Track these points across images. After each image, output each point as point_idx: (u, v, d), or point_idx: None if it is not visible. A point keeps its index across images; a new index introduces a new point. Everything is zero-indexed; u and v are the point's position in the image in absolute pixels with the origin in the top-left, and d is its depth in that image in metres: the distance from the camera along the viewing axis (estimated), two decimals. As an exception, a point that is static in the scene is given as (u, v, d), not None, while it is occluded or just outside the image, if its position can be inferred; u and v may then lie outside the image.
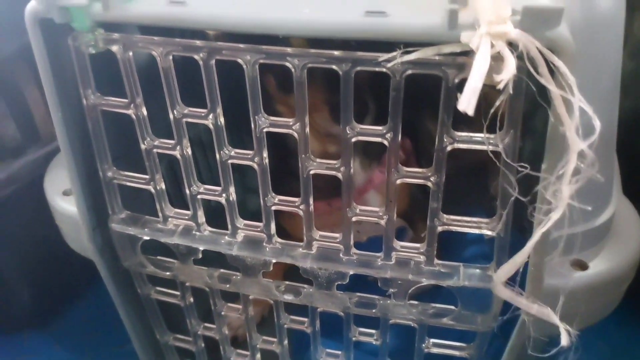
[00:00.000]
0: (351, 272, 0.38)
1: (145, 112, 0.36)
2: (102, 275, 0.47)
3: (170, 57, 0.33)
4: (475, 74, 0.24)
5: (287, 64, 0.31)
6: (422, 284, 0.37)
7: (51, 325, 0.69)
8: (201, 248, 0.41)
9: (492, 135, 0.30)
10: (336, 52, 0.30)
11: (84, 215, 0.42)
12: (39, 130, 0.59)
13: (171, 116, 0.35)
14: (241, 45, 0.31)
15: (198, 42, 0.32)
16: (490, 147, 0.30)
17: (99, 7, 0.31)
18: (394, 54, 0.28)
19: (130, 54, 0.34)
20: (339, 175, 0.35)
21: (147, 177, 0.40)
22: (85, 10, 0.32)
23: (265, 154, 0.35)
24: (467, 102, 0.24)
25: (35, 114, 0.58)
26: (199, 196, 0.39)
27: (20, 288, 0.63)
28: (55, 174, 0.48)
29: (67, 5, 0.32)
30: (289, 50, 0.31)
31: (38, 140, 0.59)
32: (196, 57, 0.32)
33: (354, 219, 0.36)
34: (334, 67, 0.30)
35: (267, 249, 0.40)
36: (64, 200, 0.46)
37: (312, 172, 0.35)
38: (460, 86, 0.28)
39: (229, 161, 0.37)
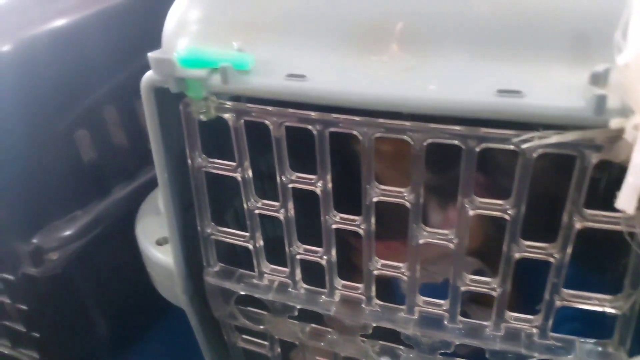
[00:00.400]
0: (457, 342, 0.37)
1: (251, 174, 0.36)
2: (191, 323, 0.47)
3: (283, 127, 0.33)
4: (636, 170, 0.22)
5: (406, 138, 0.30)
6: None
7: (127, 355, 0.70)
8: (298, 307, 0.41)
9: (630, 215, 0.28)
10: (458, 128, 0.29)
11: (180, 268, 0.43)
12: (127, 167, 0.60)
13: (279, 180, 0.35)
14: (357, 118, 0.31)
15: (313, 114, 0.32)
16: (626, 229, 0.28)
17: (218, 80, 0.31)
18: (532, 134, 0.27)
19: (242, 121, 0.34)
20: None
21: (247, 234, 0.40)
22: (203, 82, 0.32)
23: (372, 221, 0.35)
24: (627, 201, 0.22)
25: (122, 152, 0.60)
26: (298, 256, 0.39)
27: (99, 319, 0.65)
28: (146, 221, 0.49)
29: (185, 77, 0.32)
30: (408, 124, 0.30)
31: (125, 178, 0.60)
32: (310, 127, 0.32)
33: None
34: (455, 142, 0.29)
35: (367, 311, 0.39)
36: (157, 249, 0.46)
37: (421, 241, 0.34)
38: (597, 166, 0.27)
39: (334, 226, 0.36)
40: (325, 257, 0.38)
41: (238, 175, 0.37)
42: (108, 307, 0.64)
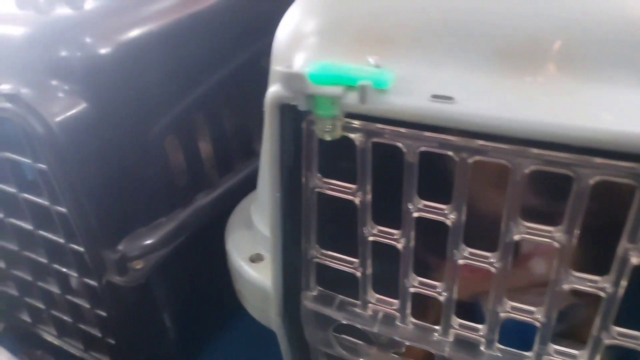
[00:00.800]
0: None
1: (370, 198, 0.34)
2: (280, 346, 0.45)
3: (418, 152, 0.30)
4: None
5: (570, 174, 0.27)
6: None
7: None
8: (406, 343, 0.38)
9: None
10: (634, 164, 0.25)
11: (278, 289, 0.41)
12: (209, 175, 0.58)
13: (403, 208, 0.32)
14: (511, 147, 0.27)
15: (456, 140, 0.28)
16: None
17: (354, 98, 0.28)
18: None
19: (370, 143, 0.31)
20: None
21: (355, 261, 0.37)
22: (336, 101, 0.29)
23: (509, 259, 0.31)
24: None
25: (206, 159, 0.58)
26: (412, 289, 0.36)
27: (171, 326, 0.64)
28: (238, 236, 0.47)
29: (316, 94, 0.29)
30: (572, 157, 0.26)
31: (207, 186, 0.58)
32: (451, 154, 0.29)
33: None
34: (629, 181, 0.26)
35: (485, 355, 0.35)
36: (251, 267, 0.44)
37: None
38: None
39: (460, 261, 0.33)
40: (445, 293, 0.34)
41: (356, 199, 0.34)
42: (180, 316, 0.63)
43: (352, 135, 0.31)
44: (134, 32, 0.47)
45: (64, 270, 0.53)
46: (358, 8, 0.34)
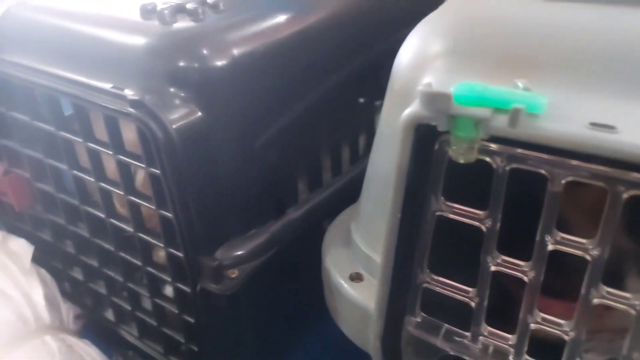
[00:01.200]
0: None
1: (498, 226, 0.32)
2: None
3: (563, 181, 0.28)
4: None
5: None
6: None
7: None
8: (522, 383, 0.36)
9: None
10: None
11: (381, 313, 0.39)
12: (300, 189, 0.59)
13: (538, 239, 0.31)
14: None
15: (611, 171, 0.27)
16: None
17: (502, 122, 0.27)
18: None
19: (508, 168, 0.30)
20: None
21: (470, 289, 0.36)
22: (481, 123, 0.28)
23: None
24: None
25: (300, 173, 0.59)
26: (533, 325, 0.34)
27: (254, 336, 0.63)
28: (337, 253, 0.46)
29: (460, 115, 0.28)
30: None
31: (296, 200, 0.58)
32: (605, 186, 0.27)
33: None
34: None
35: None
36: (352, 286, 0.43)
37: None
38: None
39: (595, 300, 0.31)
40: (572, 333, 0.32)
41: (483, 226, 0.33)
42: (262, 326, 0.63)
43: (488, 159, 0.30)
44: (249, 46, 0.48)
45: (156, 273, 0.54)
46: (497, 29, 0.33)
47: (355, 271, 0.44)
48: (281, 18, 0.52)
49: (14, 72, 0.52)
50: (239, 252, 0.51)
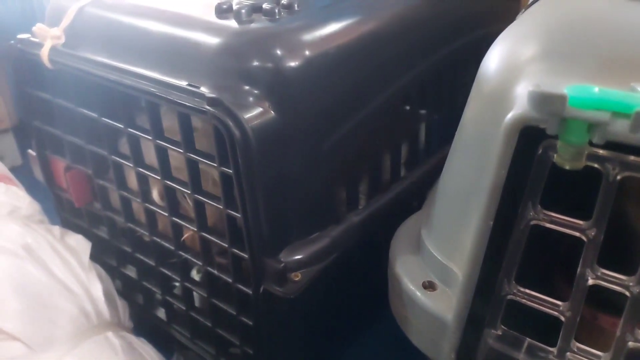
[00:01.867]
0: None
1: (601, 239, 0.31)
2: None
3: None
4: None
5: None
6: None
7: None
8: (614, 402, 0.34)
9: None
10: None
11: (460, 324, 0.38)
12: (359, 194, 0.58)
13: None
14: None
15: None
16: None
17: (622, 127, 0.26)
18: None
19: (620, 177, 0.28)
20: None
21: (560, 303, 0.34)
22: (596, 128, 0.27)
23: None
24: None
25: (360, 179, 0.58)
26: (632, 344, 0.32)
27: (307, 340, 0.63)
28: (407, 260, 0.45)
29: (574, 118, 0.27)
30: None
31: (356, 206, 0.58)
32: None
33: None
34: None
35: None
36: (425, 295, 0.42)
37: None
38: None
39: None
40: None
41: (585, 237, 0.31)
42: (319, 331, 0.63)
43: (598, 166, 0.29)
44: (322, 47, 0.48)
45: (217, 274, 0.54)
46: (602, 30, 0.32)
47: (428, 279, 0.43)
48: (352, 20, 0.52)
49: (86, 68, 0.52)
50: (302, 256, 0.50)
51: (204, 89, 0.44)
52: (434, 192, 0.49)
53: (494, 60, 0.37)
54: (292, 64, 0.46)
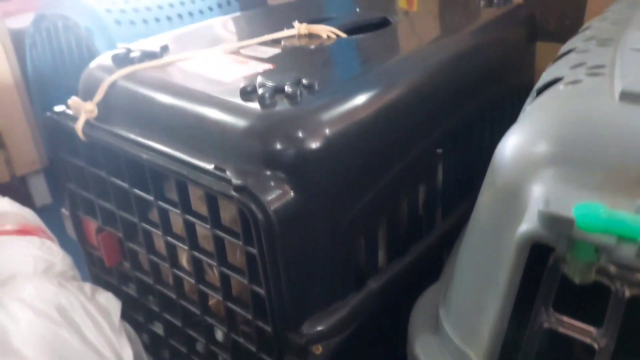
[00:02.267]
0: None
1: (612, 348, 0.31)
2: None
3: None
4: None
5: None
6: None
7: None
8: None
9: None
10: None
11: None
12: (379, 261, 0.59)
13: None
14: None
15: None
16: None
17: (629, 252, 0.27)
18: None
19: (628, 295, 0.29)
20: None
21: None
22: (604, 251, 0.28)
23: None
24: None
25: (379, 246, 0.59)
26: None
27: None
28: (426, 341, 0.46)
29: (581, 240, 0.28)
30: None
31: (375, 272, 0.59)
32: None
33: None
34: None
35: None
36: None
37: None
38: None
39: None
40: None
41: (595, 344, 0.32)
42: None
43: (606, 282, 0.30)
44: (341, 125, 0.50)
45: (242, 342, 0.55)
46: (609, 139, 0.33)
47: (448, 361, 0.44)
48: (372, 93, 0.53)
49: (119, 144, 0.55)
50: (323, 327, 0.52)
51: (229, 174, 0.46)
52: (452, 263, 0.50)
53: (507, 151, 0.38)
54: (313, 145, 0.48)
